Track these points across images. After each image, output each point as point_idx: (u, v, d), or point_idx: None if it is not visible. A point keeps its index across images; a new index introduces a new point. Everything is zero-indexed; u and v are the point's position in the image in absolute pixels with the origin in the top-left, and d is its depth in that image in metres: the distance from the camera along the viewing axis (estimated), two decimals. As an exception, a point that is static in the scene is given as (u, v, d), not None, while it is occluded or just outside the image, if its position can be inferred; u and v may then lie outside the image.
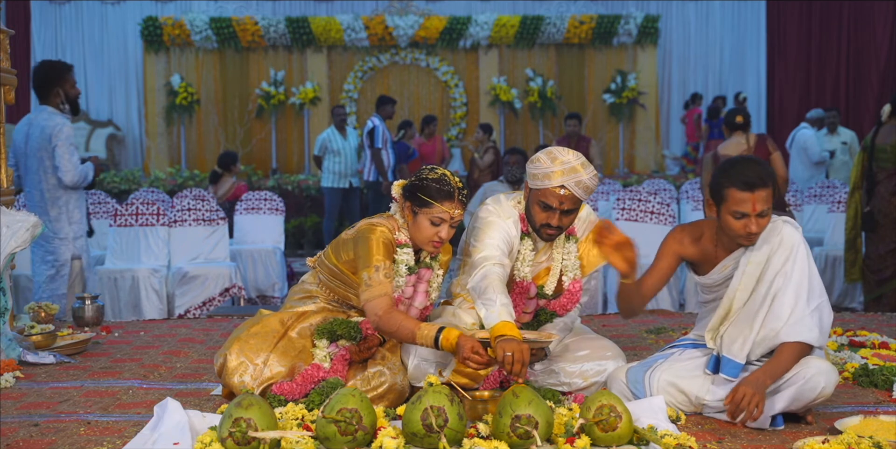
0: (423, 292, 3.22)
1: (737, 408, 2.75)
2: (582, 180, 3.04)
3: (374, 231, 3.11)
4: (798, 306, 2.86)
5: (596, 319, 5.01)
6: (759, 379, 2.78)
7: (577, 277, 3.27)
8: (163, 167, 12.81)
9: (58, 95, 5.34)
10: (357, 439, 2.47)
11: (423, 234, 3.09)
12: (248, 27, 12.96)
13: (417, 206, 3.08)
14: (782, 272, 2.89)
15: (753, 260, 2.93)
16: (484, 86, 13.31)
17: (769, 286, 2.90)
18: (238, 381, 3.04)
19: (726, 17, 14.16)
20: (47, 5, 13.75)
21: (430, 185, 3.05)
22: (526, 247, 3.19)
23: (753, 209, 2.84)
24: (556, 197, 3.05)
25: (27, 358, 3.82)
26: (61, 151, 5.27)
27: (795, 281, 2.88)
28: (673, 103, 14.16)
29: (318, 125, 13.06)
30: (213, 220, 6.98)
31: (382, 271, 3.04)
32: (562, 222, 3.11)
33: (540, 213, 3.11)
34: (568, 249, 3.26)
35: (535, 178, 3.09)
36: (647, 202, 6.83)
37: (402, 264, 3.13)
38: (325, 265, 3.29)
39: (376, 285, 3.01)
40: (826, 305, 2.93)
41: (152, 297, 6.49)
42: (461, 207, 3.08)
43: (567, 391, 3.11)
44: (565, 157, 3.06)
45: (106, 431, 2.84)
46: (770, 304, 2.89)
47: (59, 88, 5.32)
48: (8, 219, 3.85)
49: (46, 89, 5.33)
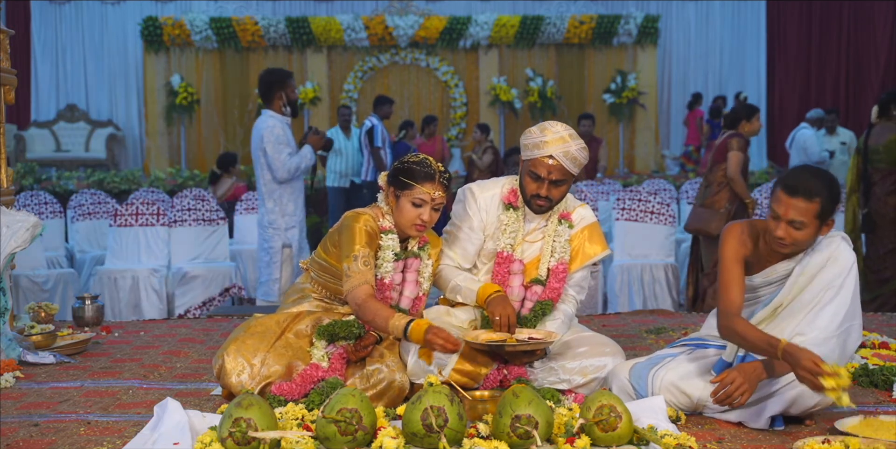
0: (412, 282, 3.25)
1: (723, 391, 2.73)
2: (570, 151, 3.16)
3: (357, 219, 3.15)
4: (832, 324, 2.84)
5: (596, 318, 5.01)
6: (756, 369, 2.76)
7: (563, 259, 3.31)
8: (163, 167, 12.80)
9: (280, 98, 5.80)
10: (357, 439, 2.47)
11: (405, 217, 3.15)
12: (248, 27, 12.96)
13: (399, 189, 3.16)
14: (831, 287, 2.87)
15: (806, 272, 2.91)
16: (484, 86, 13.31)
17: (814, 297, 2.88)
18: (236, 380, 3.04)
19: (726, 17, 14.16)
20: (47, 5, 13.75)
21: (410, 167, 3.14)
22: (510, 218, 3.31)
23: (786, 214, 2.81)
24: (545, 166, 3.17)
25: (27, 358, 3.82)
26: (270, 150, 5.74)
27: (840, 299, 2.86)
28: (673, 103, 14.16)
29: (319, 125, 13.03)
30: (213, 220, 6.98)
31: (361, 260, 3.08)
32: (550, 193, 3.21)
33: (531, 184, 3.23)
34: (559, 232, 3.33)
35: (527, 149, 3.23)
36: (647, 202, 6.83)
37: (388, 250, 3.17)
38: (315, 262, 3.32)
39: (355, 275, 3.07)
40: (857, 328, 2.91)
41: (152, 297, 6.49)
42: (442, 190, 3.16)
43: (566, 388, 3.11)
44: (554, 128, 3.21)
45: (106, 431, 2.84)
46: (807, 313, 2.87)
47: (282, 92, 5.80)
48: (8, 219, 3.85)
49: (270, 94, 5.83)
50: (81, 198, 7.85)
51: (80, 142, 13.21)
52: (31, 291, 6.35)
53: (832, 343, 2.81)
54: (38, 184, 11.21)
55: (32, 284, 6.41)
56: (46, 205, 7.69)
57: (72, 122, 13.31)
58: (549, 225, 3.33)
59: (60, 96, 13.82)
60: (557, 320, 3.27)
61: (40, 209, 7.58)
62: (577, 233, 3.36)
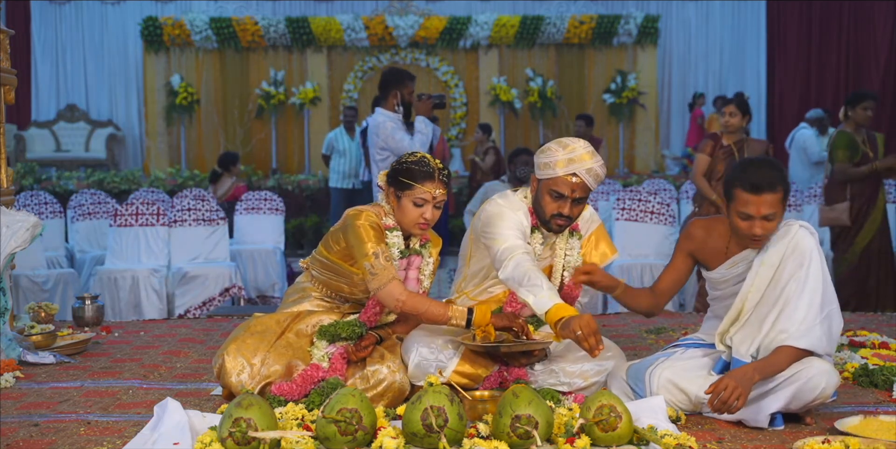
0: (414, 279, 3.26)
1: (717, 399, 2.74)
2: (592, 168, 3.09)
3: (359, 217, 3.15)
4: (810, 313, 2.85)
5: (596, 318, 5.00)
6: (747, 373, 2.77)
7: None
8: (163, 167, 12.80)
9: (395, 97, 5.76)
10: (357, 439, 2.47)
11: (407, 217, 3.15)
12: (248, 27, 12.96)
13: (400, 190, 3.15)
14: (796, 277, 2.88)
15: (766, 261, 2.93)
16: (484, 86, 13.31)
17: (782, 290, 2.89)
18: (236, 380, 3.04)
19: (726, 17, 14.15)
20: (47, 5, 13.74)
21: (409, 167, 3.14)
22: (536, 240, 3.23)
23: (758, 212, 2.84)
24: (569, 185, 3.09)
25: (27, 358, 3.82)
26: (389, 143, 5.67)
27: (810, 287, 2.87)
28: (673, 103, 14.15)
29: (319, 125, 13.06)
30: (213, 220, 6.98)
31: (382, 256, 3.07)
32: (572, 212, 3.14)
33: (551, 203, 3.13)
34: (571, 245, 3.29)
35: (546, 168, 3.12)
36: (647, 202, 6.83)
37: (395, 247, 3.17)
38: (316, 260, 3.31)
39: (381, 271, 3.05)
40: (836, 312, 2.92)
41: (152, 297, 6.48)
42: (442, 187, 3.14)
43: (567, 391, 3.11)
44: (575, 145, 3.12)
45: (106, 431, 2.84)
46: (781, 308, 2.88)
47: (398, 91, 5.77)
48: (8, 219, 3.85)
49: (386, 92, 5.82)
50: (81, 198, 7.85)
51: (80, 142, 13.21)
52: (31, 291, 6.35)
53: (817, 331, 2.84)
54: (38, 184, 11.21)
55: (32, 284, 6.40)
56: (46, 205, 7.68)
57: (72, 122, 13.31)
58: (560, 238, 3.29)
59: (60, 96, 13.82)
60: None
61: (40, 209, 7.57)
62: (585, 240, 3.35)
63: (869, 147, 6.17)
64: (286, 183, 11.66)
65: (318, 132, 12.91)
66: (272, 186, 11.31)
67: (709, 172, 6.15)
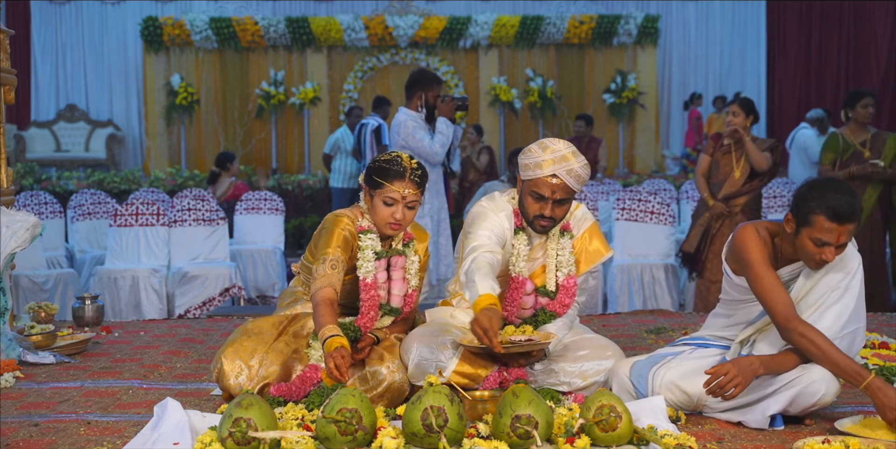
0: (399, 279, 3.25)
1: (715, 382, 2.71)
2: (573, 169, 3.08)
3: (337, 223, 3.17)
4: (835, 325, 2.83)
5: (596, 319, 5.01)
6: (753, 364, 2.75)
7: (571, 273, 3.27)
8: (163, 167, 12.80)
9: (419, 98, 5.90)
10: (357, 439, 2.47)
11: (379, 216, 3.15)
12: (248, 27, 12.96)
13: (373, 188, 3.16)
14: (837, 289, 2.86)
15: (813, 276, 2.88)
16: (484, 86, 13.31)
17: (818, 298, 2.86)
18: (235, 383, 3.05)
19: (726, 17, 14.15)
20: (47, 5, 13.74)
21: (381, 165, 3.14)
22: (520, 241, 3.21)
23: (837, 241, 2.75)
24: (549, 186, 3.08)
25: (27, 358, 3.82)
26: (409, 142, 5.74)
27: (845, 302, 2.85)
28: (673, 103, 14.15)
29: (319, 125, 13.07)
30: (213, 220, 6.98)
31: (329, 263, 3.09)
32: (554, 213, 3.14)
33: (533, 204, 3.14)
34: (562, 245, 3.28)
35: (527, 169, 3.13)
36: (647, 202, 6.83)
37: (368, 249, 3.17)
38: (305, 266, 3.34)
39: (319, 277, 3.07)
40: (861, 332, 2.90)
41: (152, 297, 6.49)
42: (413, 187, 3.13)
43: (567, 391, 3.11)
44: (556, 146, 3.11)
45: (106, 431, 2.84)
46: (811, 314, 2.85)
47: (423, 93, 5.90)
48: (8, 219, 3.85)
49: (411, 92, 5.98)
50: (81, 198, 7.85)
51: (80, 142, 13.21)
52: (31, 291, 6.35)
53: (838, 344, 2.80)
54: (38, 184, 11.20)
55: (32, 284, 6.41)
56: (46, 205, 7.68)
57: (72, 122, 13.31)
58: (551, 238, 3.28)
59: (60, 96, 13.81)
60: (558, 322, 3.26)
61: (40, 209, 7.57)
62: (578, 239, 3.34)
63: (870, 147, 6.14)
64: (286, 183, 11.66)
65: (318, 132, 12.92)
66: (272, 186, 11.30)
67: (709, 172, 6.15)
